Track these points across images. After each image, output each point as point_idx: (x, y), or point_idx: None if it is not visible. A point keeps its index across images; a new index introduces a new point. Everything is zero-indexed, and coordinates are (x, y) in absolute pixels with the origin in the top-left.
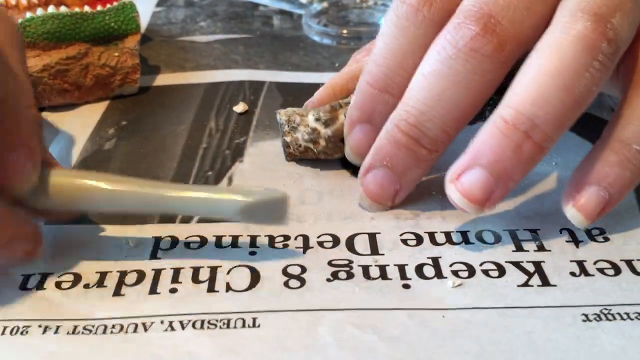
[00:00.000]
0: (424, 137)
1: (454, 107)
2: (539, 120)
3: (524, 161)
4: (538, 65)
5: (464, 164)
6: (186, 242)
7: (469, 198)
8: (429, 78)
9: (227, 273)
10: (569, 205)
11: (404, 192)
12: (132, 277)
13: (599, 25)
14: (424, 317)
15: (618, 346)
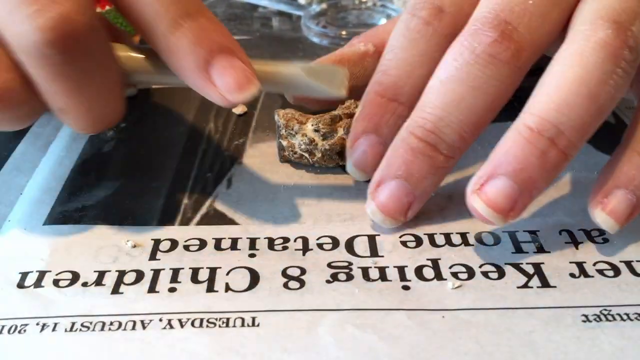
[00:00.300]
0: (441, 143)
1: (472, 113)
2: (564, 126)
3: (548, 169)
4: (561, 73)
5: (487, 173)
6: (185, 245)
7: (494, 208)
8: (447, 84)
9: (227, 274)
10: (597, 209)
11: (418, 205)
12: (131, 277)
13: (620, 33)
14: (424, 317)
15: (618, 347)
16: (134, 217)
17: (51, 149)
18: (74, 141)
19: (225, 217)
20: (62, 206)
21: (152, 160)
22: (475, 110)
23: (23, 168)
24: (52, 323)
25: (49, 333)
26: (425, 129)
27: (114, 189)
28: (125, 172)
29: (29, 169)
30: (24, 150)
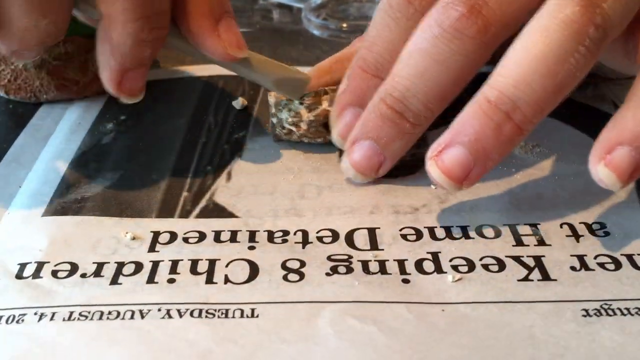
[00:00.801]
0: (407, 111)
1: (437, 85)
2: (521, 102)
3: (503, 141)
4: (524, 48)
5: (445, 141)
6: (185, 237)
7: (448, 175)
8: (414, 55)
9: (226, 266)
10: (600, 165)
11: (389, 164)
12: (129, 268)
13: (587, 10)
14: (424, 310)
15: (618, 342)
16: (133, 209)
17: (50, 141)
18: (73, 133)
19: (225, 210)
20: (61, 198)
21: (152, 152)
22: (440, 83)
23: (22, 160)
24: (50, 312)
25: (47, 322)
26: (394, 97)
27: (113, 181)
28: (125, 164)
29: (29, 161)
30: (23, 143)
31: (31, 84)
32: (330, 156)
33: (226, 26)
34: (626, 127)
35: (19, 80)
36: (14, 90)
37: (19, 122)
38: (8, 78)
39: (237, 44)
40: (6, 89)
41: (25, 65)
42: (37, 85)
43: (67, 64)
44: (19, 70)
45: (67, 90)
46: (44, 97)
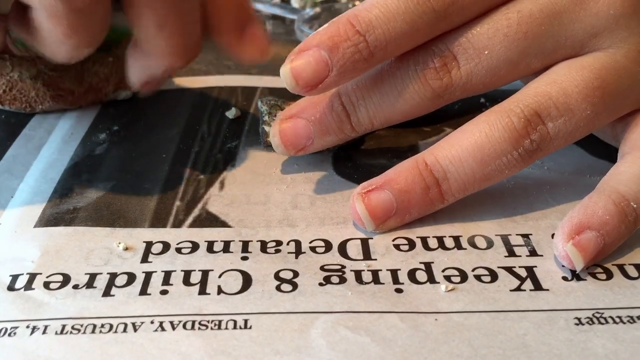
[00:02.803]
0: (354, 116)
1: (387, 109)
2: (450, 175)
3: (426, 202)
4: (470, 132)
5: (377, 183)
6: (177, 247)
7: (371, 213)
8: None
9: (219, 277)
10: (568, 243)
11: (311, 150)
12: (122, 279)
13: (529, 125)
14: (417, 320)
15: (611, 350)
16: (126, 219)
17: (43, 151)
18: (66, 144)
19: (217, 220)
20: (53, 208)
21: (145, 162)
22: (390, 109)
23: (14, 171)
24: (42, 325)
25: (39, 336)
26: (349, 98)
27: (106, 191)
28: (117, 174)
29: (21, 171)
30: (15, 153)
31: (26, 94)
32: (324, 166)
33: (251, 35)
34: (596, 213)
35: (14, 91)
36: (9, 101)
37: (11, 132)
38: (3, 89)
39: (260, 51)
40: (1, 100)
41: (20, 76)
42: (32, 95)
43: (63, 74)
44: (14, 81)
45: (62, 101)
46: (39, 108)
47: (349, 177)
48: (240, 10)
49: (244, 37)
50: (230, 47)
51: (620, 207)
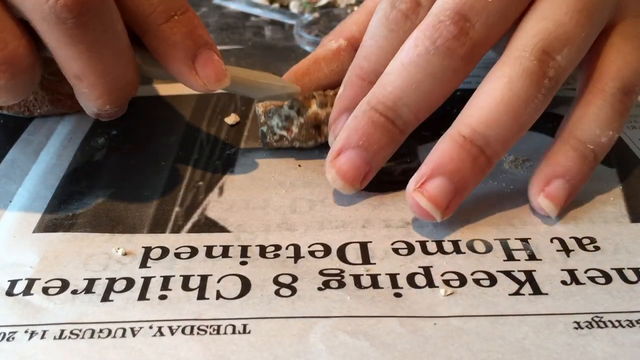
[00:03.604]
0: (398, 119)
1: (427, 97)
2: (492, 139)
3: (477, 172)
4: (493, 93)
5: (427, 174)
6: (176, 252)
7: (435, 203)
8: (408, 68)
9: (218, 281)
10: (540, 196)
11: (372, 174)
12: (121, 284)
13: (544, 65)
14: (416, 324)
15: (610, 354)
16: (125, 225)
17: (41, 156)
18: (65, 149)
19: (216, 225)
20: (52, 214)
21: (144, 168)
22: (430, 95)
23: (13, 175)
24: (41, 330)
25: (38, 340)
26: (386, 105)
27: (105, 196)
28: (117, 180)
29: (19, 176)
30: (14, 158)
31: (25, 98)
32: (323, 170)
33: (203, 63)
34: (559, 162)
35: None
36: (8, 106)
37: (10, 137)
38: None
39: (215, 77)
40: None
41: None
42: (31, 99)
43: (62, 79)
44: None
45: (61, 105)
46: (37, 112)
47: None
48: (189, 37)
49: (195, 65)
50: (181, 77)
51: (579, 151)
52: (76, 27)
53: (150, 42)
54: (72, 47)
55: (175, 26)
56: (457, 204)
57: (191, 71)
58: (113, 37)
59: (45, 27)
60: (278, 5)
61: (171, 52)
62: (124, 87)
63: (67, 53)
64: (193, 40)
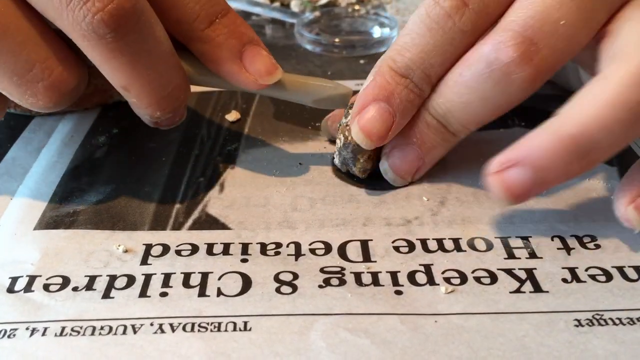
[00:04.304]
0: (450, 126)
1: (476, 116)
2: (602, 144)
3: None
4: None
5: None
6: (177, 250)
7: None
8: (460, 86)
9: (219, 279)
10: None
11: (425, 170)
12: (122, 281)
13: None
14: (417, 322)
15: (610, 351)
16: (126, 222)
17: (42, 154)
18: (66, 146)
19: (217, 222)
20: (53, 211)
21: (144, 165)
22: (479, 115)
23: (14, 173)
24: (42, 327)
25: (39, 337)
26: (437, 111)
27: (106, 193)
28: (117, 177)
29: (20, 174)
30: (15, 155)
31: None
32: (323, 168)
33: (250, 58)
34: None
35: None
36: (14, 104)
37: (11, 135)
38: None
39: (265, 71)
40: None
41: None
42: None
43: None
44: None
45: None
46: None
47: (348, 180)
48: (232, 36)
49: (243, 62)
50: (232, 77)
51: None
52: (116, 41)
53: (196, 49)
54: (115, 60)
55: (218, 28)
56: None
57: (240, 69)
58: (154, 45)
59: (85, 43)
60: (279, 4)
61: (218, 53)
62: (172, 92)
63: (110, 66)
64: (237, 39)
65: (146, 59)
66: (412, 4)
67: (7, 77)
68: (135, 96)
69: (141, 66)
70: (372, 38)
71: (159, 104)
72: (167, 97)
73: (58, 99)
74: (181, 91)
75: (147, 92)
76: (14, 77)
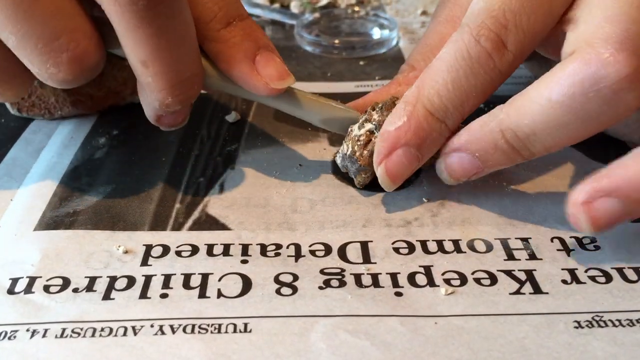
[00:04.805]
0: (529, 148)
1: (569, 138)
2: None
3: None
4: None
5: (602, 191)
6: (177, 251)
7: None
8: (556, 108)
9: (219, 280)
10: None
11: (483, 174)
12: (122, 282)
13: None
14: (417, 324)
15: (610, 353)
16: (126, 222)
17: (42, 155)
18: (66, 148)
19: (217, 222)
20: (53, 212)
21: (144, 165)
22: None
23: (14, 174)
24: (42, 329)
25: (39, 339)
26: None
27: (106, 194)
28: (117, 177)
29: (20, 174)
30: (15, 156)
31: (46, 100)
32: (323, 170)
33: (263, 62)
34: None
35: (33, 97)
36: (27, 108)
37: (11, 136)
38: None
39: (278, 76)
40: (19, 106)
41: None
42: (52, 101)
43: None
44: (34, 87)
45: (81, 106)
46: (58, 114)
47: (348, 181)
48: (248, 39)
49: (256, 65)
50: (243, 79)
51: None
52: (146, 10)
53: (210, 48)
54: (141, 30)
55: (234, 30)
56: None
57: (252, 71)
58: (181, 25)
59: (115, 8)
60: (279, 6)
61: (231, 53)
62: (188, 80)
63: (135, 36)
64: (252, 42)
65: (171, 36)
66: (411, 5)
67: (33, 43)
68: (153, 74)
69: (165, 42)
70: (372, 39)
71: (173, 89)
72: (182, 84)
73: (78, 73)
74: (195, 82)
75: (165, 72)
76: (39, 44)
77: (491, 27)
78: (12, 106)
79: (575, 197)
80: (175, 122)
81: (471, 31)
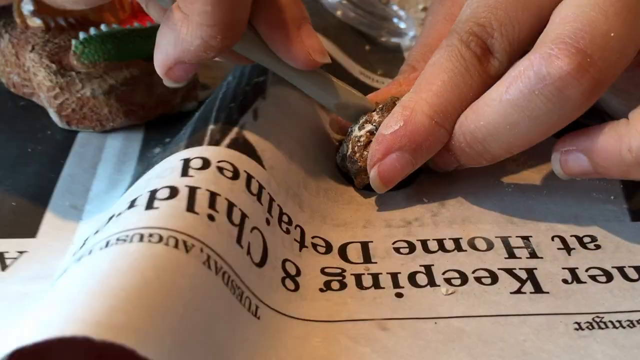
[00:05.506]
0: (489, 151)
1: (523, 138)
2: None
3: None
4: None
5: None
6: (219, 167)
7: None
8: (506, 106)
9: (251, 231)
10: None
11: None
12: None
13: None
14: (417, 327)
15: (610, 356)
16: None
17: (99, 170)
18: (123, 163)
19: (254, 153)
20: None
21: None
22: (526, 137)
23: (75, 191)
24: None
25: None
26: (477, 136)
27: None
28: None
29: (82, 192)
30: (72, 172)
31: (98, 112)
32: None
33: (307, 32)
34: None
35: (84, 109)
36: (78, 120)
37: (60, 149)
38: (72, 107)
39: (319, 49)
40: (69, 119)
41: (93, 93)
42: (105, 112)
43: (135, 88)
44: (86, 98)
45: (134, 116)
46: (110, 125)
47: (348, 182)
48: (296, 5)
49: (300, 34)
50: (286, 43)
51: None
52: None
53: (257, 9)
54: None
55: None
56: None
57: (298, 37)
58: None
59: None
60: None
61: (279, 15)
62: (235, 22)
63: None
64: (300, 10)
65: None
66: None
67: None
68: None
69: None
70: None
71: (222, 26)
72: (231, 24)
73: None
74: (241, 28)
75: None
76: None
77: (478, 34)
78: (61, 119)
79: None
80: (186, 75)
81: (461, 37)
